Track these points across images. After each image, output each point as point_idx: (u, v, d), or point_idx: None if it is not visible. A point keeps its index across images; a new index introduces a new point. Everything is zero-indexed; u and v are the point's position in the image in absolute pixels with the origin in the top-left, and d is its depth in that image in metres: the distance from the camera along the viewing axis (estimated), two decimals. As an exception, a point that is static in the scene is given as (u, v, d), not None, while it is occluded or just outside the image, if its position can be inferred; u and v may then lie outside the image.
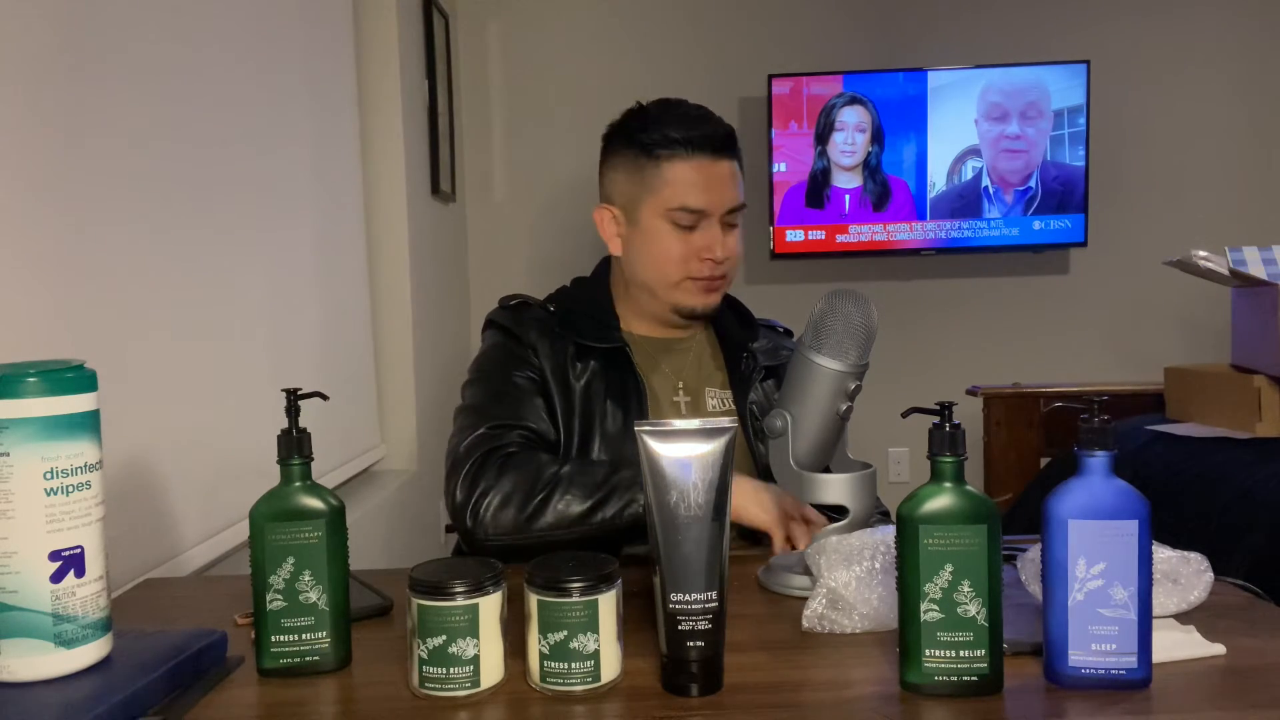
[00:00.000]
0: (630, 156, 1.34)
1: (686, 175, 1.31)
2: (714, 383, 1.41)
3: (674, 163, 1.31)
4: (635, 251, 1.37)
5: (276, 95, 1.91)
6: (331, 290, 2.21)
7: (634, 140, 1.34)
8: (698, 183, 1.31)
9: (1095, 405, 0.78)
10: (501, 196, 3.55)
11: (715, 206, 1.31)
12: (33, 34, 1.15)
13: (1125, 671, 0.78)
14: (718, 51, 3.54)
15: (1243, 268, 2.13)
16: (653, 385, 1.37)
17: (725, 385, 1.41)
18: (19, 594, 0.76)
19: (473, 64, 3.53)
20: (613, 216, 1.38)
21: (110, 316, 1.29)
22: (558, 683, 0.80)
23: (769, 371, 1.42)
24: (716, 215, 1.32)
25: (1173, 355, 3.04)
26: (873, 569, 0.91)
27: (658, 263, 1.34)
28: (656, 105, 1.37)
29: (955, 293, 3.62)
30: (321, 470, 1.08)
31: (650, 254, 1.34)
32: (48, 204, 1.17)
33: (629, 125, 1.36)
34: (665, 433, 0.82)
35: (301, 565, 0.84)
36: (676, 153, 1.31)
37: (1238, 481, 1.93)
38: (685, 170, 1.31)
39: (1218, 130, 3.56)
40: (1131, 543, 0.77)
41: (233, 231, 1.68)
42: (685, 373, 1.40)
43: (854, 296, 1.06)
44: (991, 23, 3.53)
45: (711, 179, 1.31)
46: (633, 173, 1.34)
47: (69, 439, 0.77)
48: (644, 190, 1.33)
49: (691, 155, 1.31)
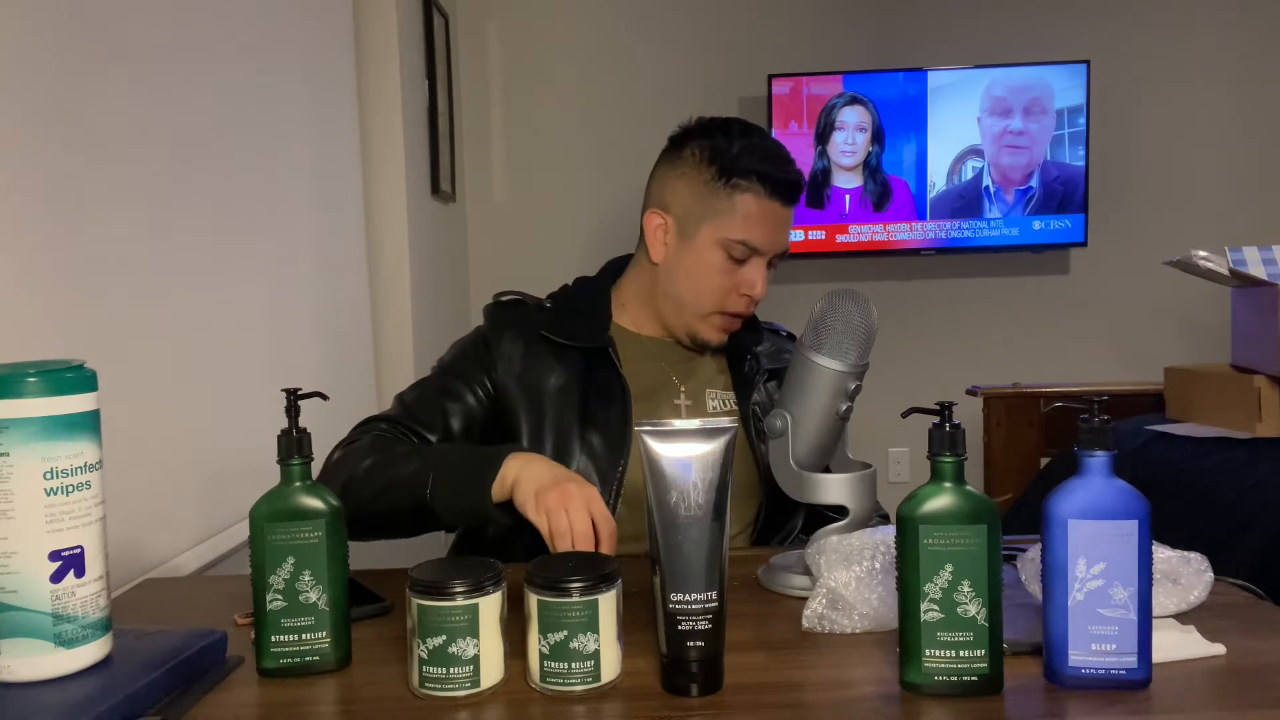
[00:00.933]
0: (704, 172, 1.30)
1: (758, 212, 1.28)
2: (716, 384, 1.40)
3: (750, 196, 1.28)
4: (680, 267, 1.33)
5: (276, 95, 1.91)
6: (331, 290, 2.20)
7: (715, 159, 1.30)
8: (765, 222, 1.29)
9: (1095, 405, 0.78)
10: (501, 196, 3.55)
11: (772, 249, 1.31)
12: (32, 34, 1.15)
13: (1125, 671, 0.78)
14: (718, 51, 3.54)
15: (1243, 268, 2.13)
16: (650, 386, 1.36)
17: (728, 386, 1.40)
18: (19, 594, 0.76)
19: (473, 64, 3.53)
20: (663, 224, 1.34)
21: (110, 316, 1.29)
22: (558, 683, 0.80)
23: (772, 374, 1.42)
24: (770, 255, 1.32)
25: (1173, 355, 3.04)
26: (873, 569, 0.91)
27: (698, 288, 1.32)
28: (740, 127, 1.32)
29: (955, 293, 3.62)
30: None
31: (694, 276, 1.32)
32: (48, 204, 1.17)
33: (712, 140, 1.31)
34: (665, 433, 0.82)
35: (301, 565, 0.84)
36: (755, 187, 1.28)
37: (1238, 481, 1.93)
38: (758, 207, 1.28)
39: (1218, 130, 3.56)
40: (1131, 543, 0.77)
41: (233, 231, 1.68)
42: (687, 374, 1.39)
43: (854, 296, 1.06)
44: (992, 23, 3.53)
45: (779, 222, 1.30)
46: (701, 189, 1.30)
47: (69, 439, 0.77)
48: (709, 211, 1.30)
49: (770, 195, 1.28)
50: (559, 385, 1.32)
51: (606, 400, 1.32)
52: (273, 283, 1.85)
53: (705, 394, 1.38)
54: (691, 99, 3.48)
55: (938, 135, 3.39)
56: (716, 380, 1.41)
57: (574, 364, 1.33)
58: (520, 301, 1.41)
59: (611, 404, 1.31)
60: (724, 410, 1.38)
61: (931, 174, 3.41)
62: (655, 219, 1.35)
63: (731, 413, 1.37)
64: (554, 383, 1.32)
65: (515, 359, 1.33)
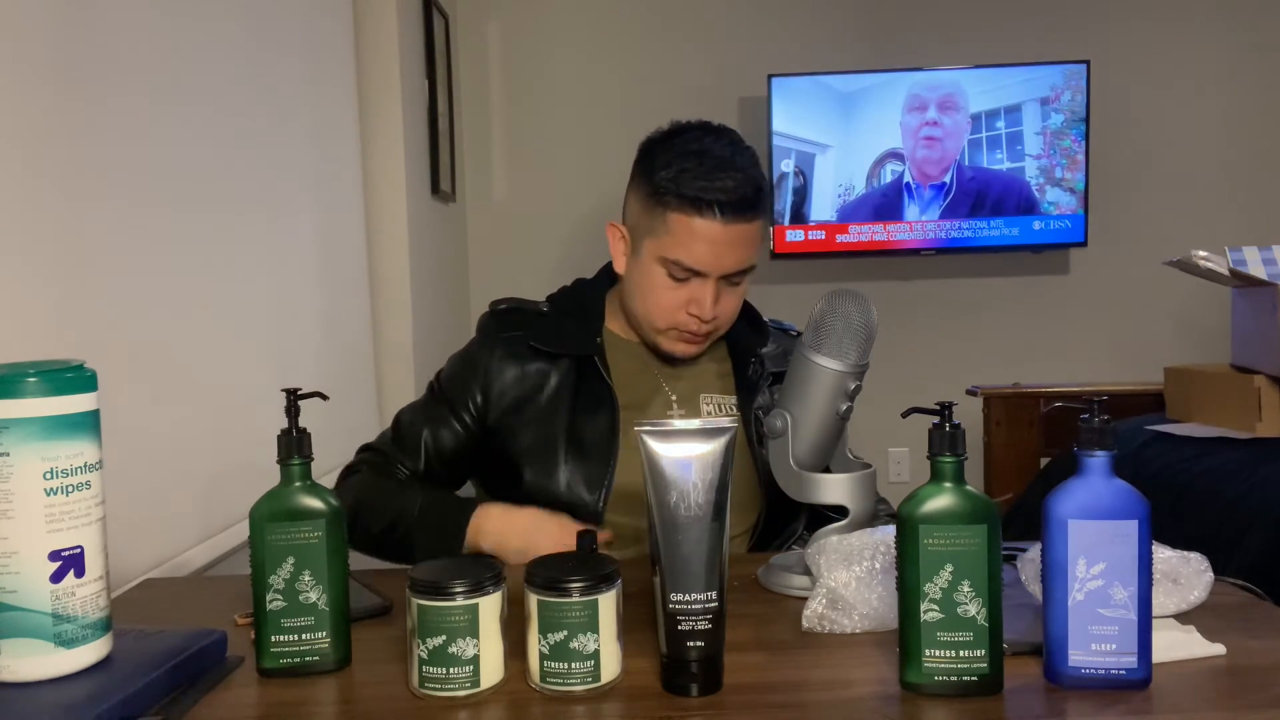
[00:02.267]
0: (644, 188, 1.26)
1: (689, 232, 1.21)
2: (714, 389, 1.37)
3: (679, 215, 1.22)
4: (632, 282, 1.31)
5: (277, 95, 1.91)
6: (331, 290, 2.21)
7: (649, 174, 1.25)
8: (699, 242, 1.21)
9: (1095, 405, 0.78)
10: (501, 196, 3.55)
11: (714, 269, 1.23)
12: (33, 34, 1.15)
13: (1125, 671, 0.78)
14: (718, 51, 3.54)
15: (1243, 268, 2.13)
16: (641, 394, 1.34)
17: (729, 390, 1.37)
18: (19, 594, 0.76)
19: (473, 64, 3.53)
20: (622, 236, 1.32)
21: (110, 316, 1.29)
22: (558, 683, 0.79)
23: (778, 377, 1.37)
24: (714, 275, 1.24)
25: (1173, 355, 3.04)
26: (873, 569, 0.91)
27: (647, 305, 1.29)
28: (683, 140, 1.26)
29: (955, 293, 3.62)
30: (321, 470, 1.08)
31: (644, 292, 1.29)
32: (48, 205, 1.17)
33: (651, 154, 1.27)
34: (665, 433, 0.82)
35: (301, 565, 0.84)
36: (684, 207, 1.21)
37: (1238, 481, 1.93)
38: (689, 226, 1.21)
39: (1218, 130, 3.55)
40: (1131, 543, 0.77)
41: (233, 231, 1.68)
42: (679, 381, 1.37)
43: (854, 296, 1.06)
44: (992, 23, 3.52)
45: (717, 243, 1.21)
46: (643, 205, 1.27)
47: (69, 439, 0.77)
48: (648, 227, 1.26)
49: (699, 215, 1.20)
50: (549, 396, 1.32)
51: (594, 409, 1.31)
52: (273, 283, 1.85)
53: (700, 399, 1.36)
54: (692, 99, 3.47)
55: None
56: (714, 385, 1.37)
57: (564, 372, 1.33)
58: (516, 309, 1.39)
59: (599, 413, 1.31)
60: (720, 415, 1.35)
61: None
62: (614, 231, 1.34)
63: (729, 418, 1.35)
64: (544, 395, 1.32)
65: (505, 374, 1.33)
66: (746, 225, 1.23)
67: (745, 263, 1.26)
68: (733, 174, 1.21)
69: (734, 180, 1.21)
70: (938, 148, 3.40)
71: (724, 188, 1.20)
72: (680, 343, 1.30)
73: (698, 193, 1.20)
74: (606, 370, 1.32)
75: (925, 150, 3.40)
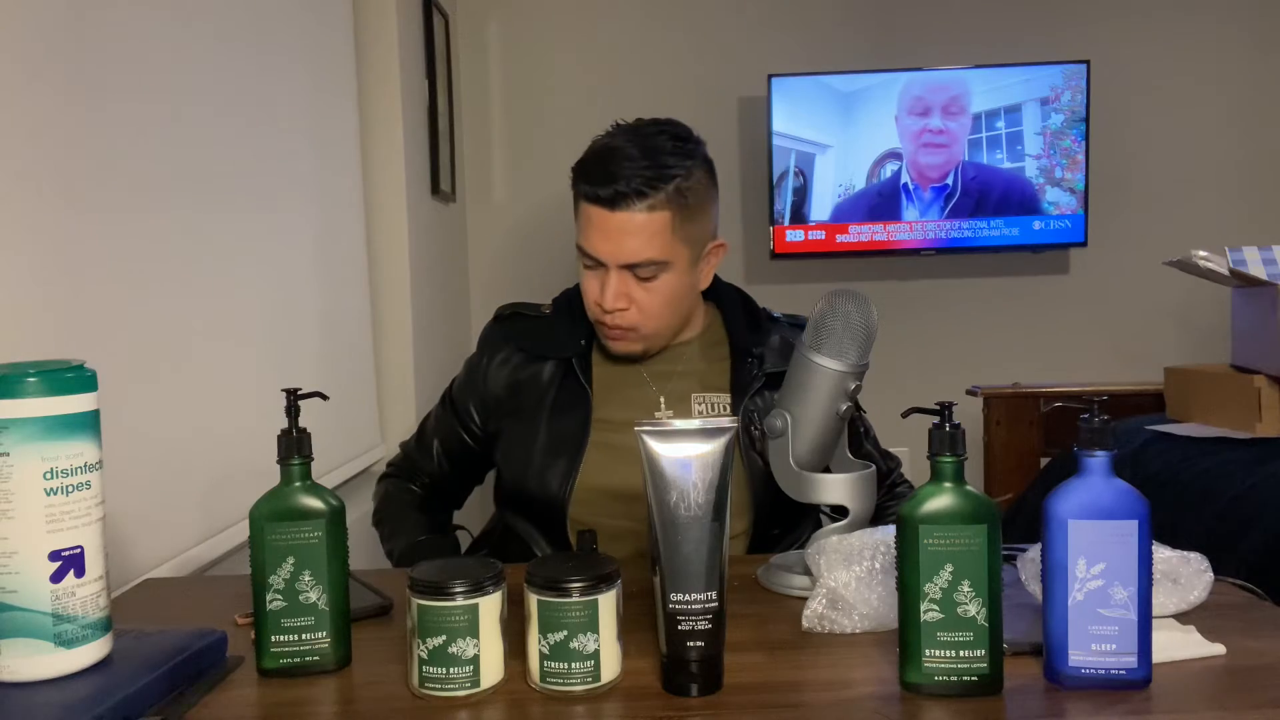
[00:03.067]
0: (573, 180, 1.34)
1: (587, 218, 1.29)
2: (707, 388, 1.36)
3: (582, 202, 1.30)
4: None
5: (276, 95, 1.91)
6: (331, 290, 2.21)
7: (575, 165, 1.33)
8: (593, 229, 1.28)
9: (1095, 405, 0.78)
10: (501, 196, 3.55)
11: (609, 257, 1.27)
12: (33, 34, 1.15)
13: (1125, 671, 0.78)
14: (718, 51, 3.53)
15: (1243, 268, 2.13)
16: (626, 394, 1.36)
17: (723, 389, 1.36)
18: (19, 594, 0.76)
19: (473, 64, 3.53)
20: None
21: (110, 316, 1.29)
22: (558, 683, 0.80)
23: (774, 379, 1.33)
24: (613, 266, 1.27)
25: (1173, 355, 3.04)
26: (873, 569, 0.91)
27: (582, 294, 1.35)
28: (605, 136, 1.33)
29: (955, 293, 3.62)
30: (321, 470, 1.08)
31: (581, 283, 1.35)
32: (48, 205, 1.17)
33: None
34: (665, 433, 0.82)
35: (301, 565, 0.84)
36: (583, 191, 1.29)
37: (1238, 481, 1.93)
38: (586, 213, 1.29)
39: (1218, 130, 3.55)
40: (1131, 543, 0.77)
41: (232, 231, 1.68)
42: (667, 379, 1.37)
43: (854, 296, 1.06)
44: (992, 23, 3.52)
45: (609, 230, 1.26)
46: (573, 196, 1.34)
47: (69, 439, 0.77)
48: (574, 215, 1.34)
49: (592, 202, 1.27)
50: (535, 396, 1.37)
51: (571, 408, 1.35)
52: (273, 283, 1.85)
53: (692, 399, 1.35)
54: (691, 99, 3.48)
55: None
56: (709, 384, 1.37)
57: (551, 373, 1.37)
58: (516, 314, 1.45)
59: (574, 411, 1.34)
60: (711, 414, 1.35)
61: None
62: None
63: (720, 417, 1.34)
64: (531, 395, 1.37)
65: (499, 380, 1.40)
66: (636, 215, 1.25)
67: (642, 255, 1.26)
68: (626, 164, 1.25)
69: (623, 170, 1.24)
70: (938, 149, 3.40)
71: (609, 175, 1.25)
72: (607, 338, 1.34)
73: (587, 180, 1.28)
74: (586, 371, 1.36)
75: (925, 151, 3.40)
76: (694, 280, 1.34)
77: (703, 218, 1.31)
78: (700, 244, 1.32)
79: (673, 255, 1.27)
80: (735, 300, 1.43)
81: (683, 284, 1.31)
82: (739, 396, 1.34)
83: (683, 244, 1.28)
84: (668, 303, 1.31)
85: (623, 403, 1.35)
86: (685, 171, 1.26)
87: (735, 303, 1.43)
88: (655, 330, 1.33)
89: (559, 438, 1.34)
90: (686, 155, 1.27)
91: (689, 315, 1.37)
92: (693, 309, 1.38)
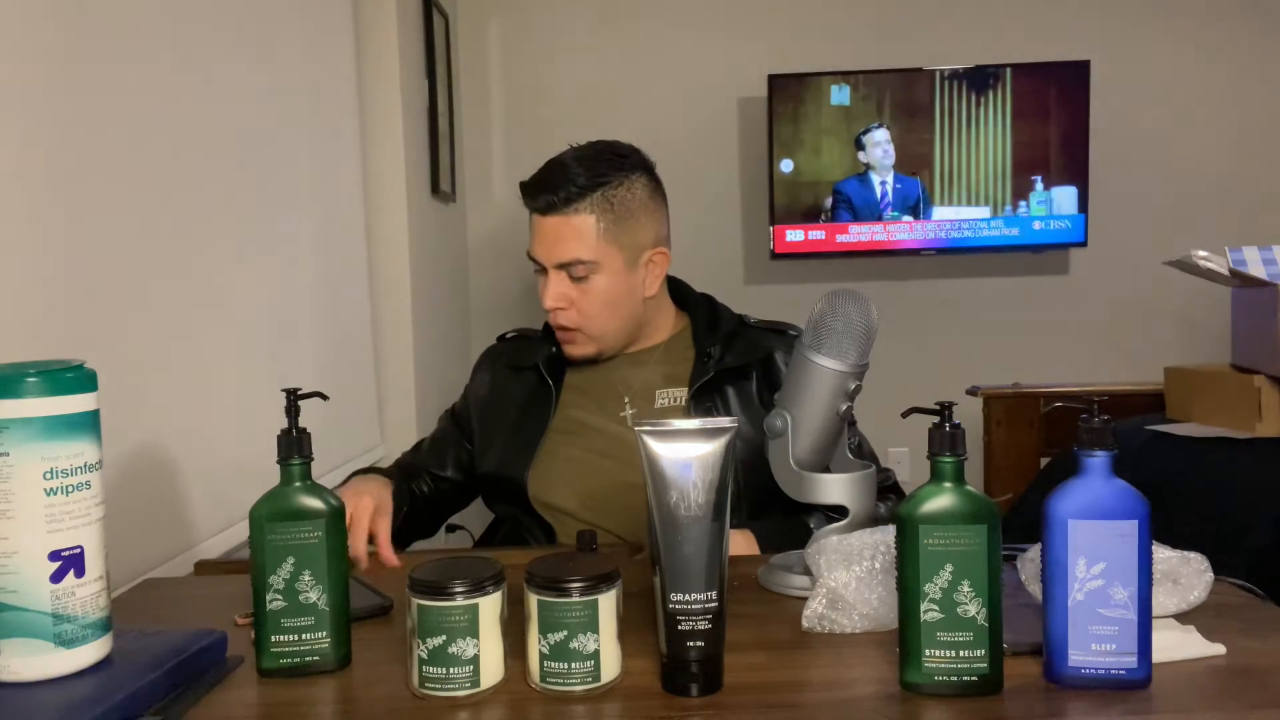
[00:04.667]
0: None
1: (531, 227, 1.42)
2: (670, 383, 1.45)
3: (529, 214, 1.43)
4: None
5: (276, 95, 1.91)
6: (332, 290, 2.21)
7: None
8: (534, 236, 1.42)
9: (1095, 405, 0.78)
10: (501, 196, 3.55)
11: (544, 259, 1.40)
12: (33, 34, 1.15)
13: (1125, 671, 0.78)
14: (718, 51, 3.54)
15: (1243, 268, 2.13)
16: (594, 393, 1.46)
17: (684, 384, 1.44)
18: (19, 594, 0.76)
19: (473, 64, 3.53)
20: None
21: (110, 316, 1.29)
22: (558, 683, 0.80)
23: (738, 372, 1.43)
24: (549, 267, 1.39)
25: (1173, 355, 3.03)
26: (873, 569, 0.91)
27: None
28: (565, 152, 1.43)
29: (955, 293, 3.62)
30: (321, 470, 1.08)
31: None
32: (48, 205, 1.17)
33: None
34: (665, 433, 0.82)
35: (301, 565, 0.84)
36: (525, 204, 1.42)
37: (1238, 481, 1.93)
38: (531, 222, 1.42)
39: (1218, 130, 3.55)
40: (1131, 543, 0.77)
41: (233, 231, 1.68)
42: (632, 381, 1.46)
43: (854, 296, 1.06)
44: (992, 22, 3.52)
45: (542, 233, 1.40)
46: None
47: (69, 439, 0.77)
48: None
49: (533, 211, 1.41)
50: (506, 400, 1.50)
51: (538, 405, 1.46)
52: (273, 283, 1.85)
53: (655, 394, 1.45)
54: (692, 99, 3.48)
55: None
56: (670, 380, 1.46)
57: (525, 381, 1.50)
58: (516, 336, 1.58)
59: (540, 407, 1.46)
60: (672, 409, 1.43)
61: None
62: None
63: (678, 409, 1.43)
64: (503, 400, 1.51)
65: (481, 391, 1.54)
66: (562, 218, 1.38)
67: (570, 255, 1.38)
68: (558, 172, 1.38)
69: (554, 179, 1.38)
70: (937, 148, 3.40)
71: (543, 184, 1.39)
72: (561, 342, 1.46)
73: (526, 192, 1.41)
74: (554, 373, 1.47)
75: (925, 151, 3.41)
76: (632, 284, 1.42)
77: (635, 225, 1.40)
78: (635, 250, 1.41)
79: (600, 256, 1.38)
80: (702, 306, 1.52)
81: (618, 286, 1.40)
82: (691, 388, 1.42)
83: (612, 247, 1.39)
84: (605, 304, 1.41)
85: (590, 402, 1.46)
86: (616, 180, 1.39)
87: (701, 309, 1.52)
88: (600, 331, 1.43)
89: (525, 426, 1.46)
90: (620, 168, 1.40)
91: (638, 319, 1.46)
92: (645, 314, 1.46)
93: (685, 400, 1.42)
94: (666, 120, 3.45)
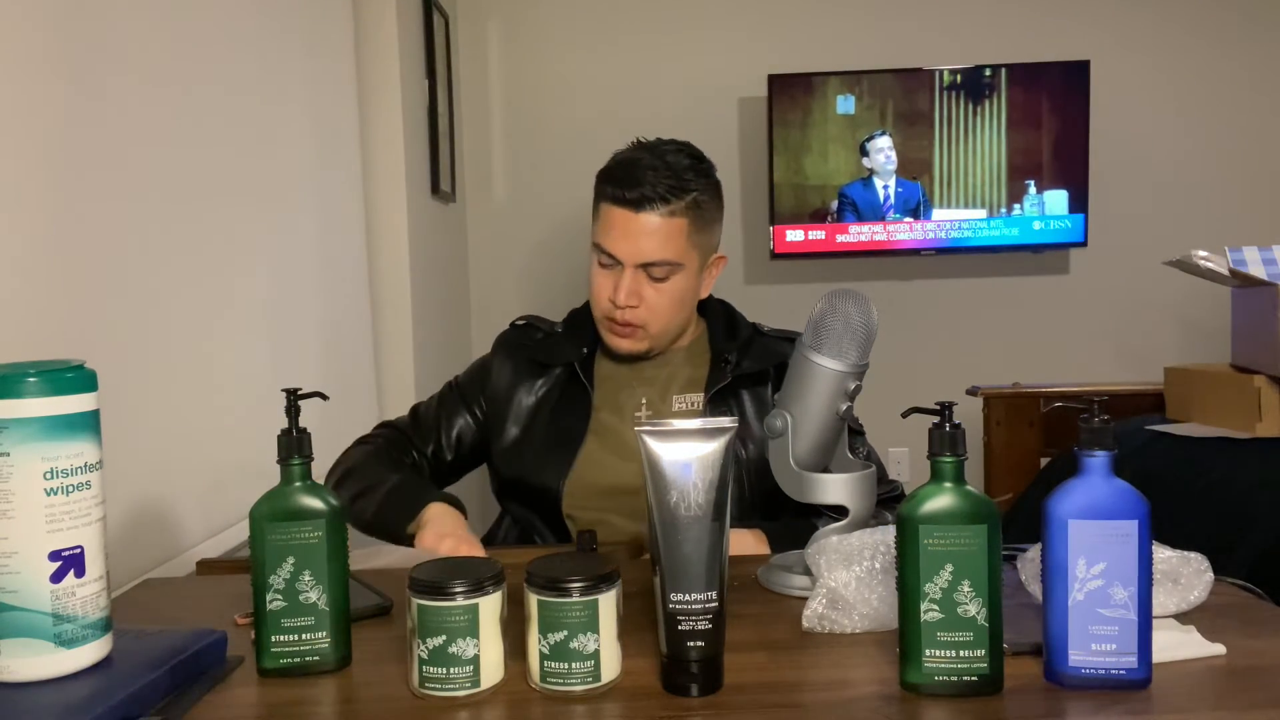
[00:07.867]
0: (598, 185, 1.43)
1: (609, 218, 1.38)
2: (688, 388, 1.45)
3: (605, 203, 1.39)
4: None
5: (277, 95, 1.91)
6: (331, 290, 2.21)
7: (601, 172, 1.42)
8: (614, 228, 1.37)
9: (1095, 405, 0.78)
10: (501, 196, 3.55)
11: (626, 257, 1.37)
12: (33, 33, 1.15)
13: (1125, 671, 0.78)
14: (718, 51, 3.54)
15: (1243, 268, 2.13)
16: (618, 396, 1.45)
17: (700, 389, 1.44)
18: (19, 594, 0.76)
19: (473, 64, 3.53)
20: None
21: (110, 316, 1.29)
22: (558, 683, 0.80)
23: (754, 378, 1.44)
24: (629, 265, 1.37)
25: (1173, 355, 3.04)
26: (873, 569, 0.91)
27: (590, 294, 1.44)
28: (634, 146, 1.42)
29: (955, 293, 3.62)
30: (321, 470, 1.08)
31: (589, 283, 1.43)
32: (48, 205, 1.17)
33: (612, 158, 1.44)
34: (665, 433, 0.82)
35: (301, 565, 0.84)
36: (608, 194, 1.38)
37: (1238, 481, 1.93)
38: (608, 213, 1.38)
39: (1218, 130, 3.55)
40: (1131, 543, 0.77)
41: (233, 231, 1.68)
42: (652, 384, 1.45)
43: (854, 296, 1.06)
44: (992, 22, 3.53)
45: (630, 230, 1.36)
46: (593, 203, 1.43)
47: (69, 439, 0.77)
48: (593, 220, 1.43)
49: (615, 202, 1.37)
50: (536, 399, 1.47)
51: (572, 409, 1.44)
52: (273, 282, 1.85)
53: (672, 399, 1.44)
54: (692, 99, 3.48)
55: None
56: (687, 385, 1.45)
57: (554, 380, 1.47)
58: (530, 325, 1.54)
59: (575, 411, 1.44)
60: (689, 412, 1.43)
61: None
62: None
63: (696, 412, 1.43)
64: (532, 398, 1.47)
65: (504, 379, 1.49)
66: (656, 218, 1.36)
67: (658, 255, 1.37)
68: (650, 174, 1.36)
69: (648, 178, 1.36)
70: (937, 148, 3.40)
71: (636, 180, 1.36)
72: (611, 334, 1.42)
73: (614, 184, 1.37)
74: (589, 374, 1.45)
75: (925, 150, 3.41)
76: (697, 288, 1.44)
77: (710, 230, 1.43)
78: (707, 253, 1.44)
79: (685, 259, 1.39)
80: (719, 311, 1.53)
81: (689, 288, 1.42)
82: (707, 393, 1.43)
83: (695, 250, 1.40)
84: (674, 304, 1.41)
85: (618, 406, 1.45)
86: (701, 187, 1.39)
87: (719, 314, 1.52)
88: (661, 330, 1.42)
89: (559, 434, 1.43)
90: (702, 174, 1.40)
91: (688, 322, 1.47)
92: (691, 317, 1.47)
93: (702, 405, 1.42)
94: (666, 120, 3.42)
